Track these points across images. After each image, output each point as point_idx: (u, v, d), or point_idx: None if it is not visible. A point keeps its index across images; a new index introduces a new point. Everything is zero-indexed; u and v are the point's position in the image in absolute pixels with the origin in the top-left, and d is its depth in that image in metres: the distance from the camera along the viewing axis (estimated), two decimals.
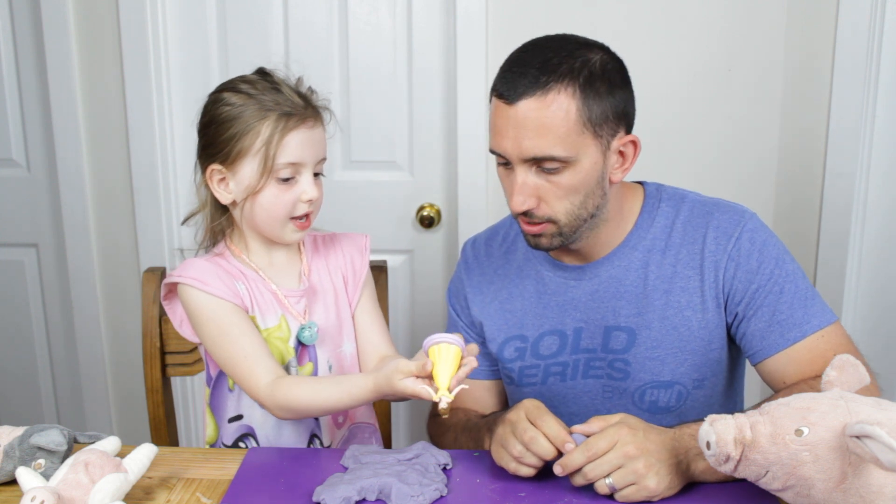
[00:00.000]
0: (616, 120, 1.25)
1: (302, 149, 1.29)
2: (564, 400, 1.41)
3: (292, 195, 1.31)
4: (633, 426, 1.11)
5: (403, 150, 2.20)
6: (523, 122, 1.22)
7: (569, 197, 1.26)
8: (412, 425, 2.36)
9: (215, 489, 1.18)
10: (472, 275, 1.49)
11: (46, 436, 1.13)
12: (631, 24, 2.01)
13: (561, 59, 1.22)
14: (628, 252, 1.35)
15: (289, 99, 1.29)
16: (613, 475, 1.08)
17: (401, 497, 1.11)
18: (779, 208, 2.09)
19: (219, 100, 1.31)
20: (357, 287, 1.44)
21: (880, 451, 0.87)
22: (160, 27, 2.14)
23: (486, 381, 1.50)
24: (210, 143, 1.31)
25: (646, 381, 1.35)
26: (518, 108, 1.21)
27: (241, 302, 1.33)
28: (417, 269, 2.27)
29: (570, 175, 1.24)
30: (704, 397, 1.38)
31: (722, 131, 2.07)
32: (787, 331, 1.28)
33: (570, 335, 1.38)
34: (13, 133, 2.29)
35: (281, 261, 1.40)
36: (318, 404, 1.27)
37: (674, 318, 1.33)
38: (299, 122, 1.29)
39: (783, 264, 1.31)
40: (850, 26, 1.91)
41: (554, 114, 1.21)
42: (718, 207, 1.35)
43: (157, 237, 2.22)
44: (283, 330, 1.36)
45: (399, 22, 2.13)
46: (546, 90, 1.21)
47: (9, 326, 2.43)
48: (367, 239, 1.48)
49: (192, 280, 1.31)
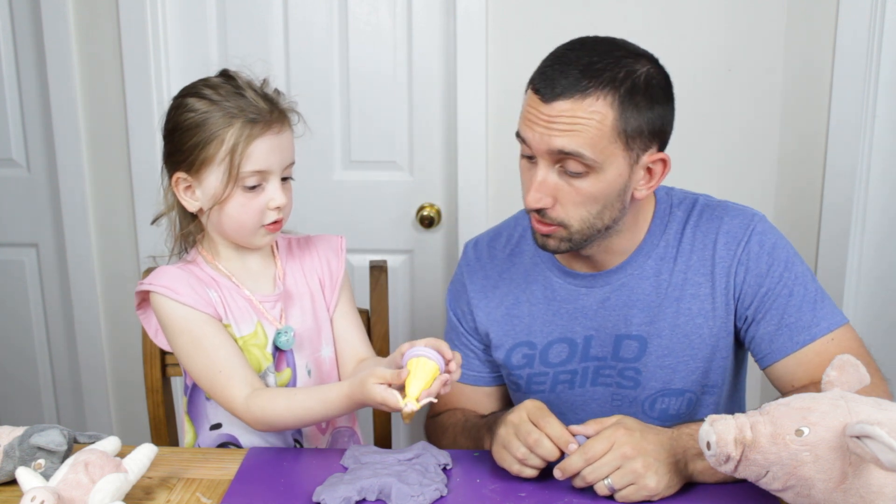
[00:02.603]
0: (650, 136, 1.22)
1: (268, 156, 1.25)
2: (572, 407, 1.40)
3: (259, 203, 1.27)
4: (630, 427, 1.11)
5: (403, 150, 2.20)
6: (556, 119, 1.18)
7: (586, 205, 1.23)
8: (412, 425, 2.36)
9: (215, 489, 1.18)
10: (475, 278, 1.45)
11: (46, 436, 1.13)
12: (631, 24, 2.01)
13: (605, 65, 1.19)
14: (641, 260, 1.34)
15: (253, 104, 1.25)
16: (612, 476, 1.08)
17: (401, 497, 1.11)
18: (779, 208, 2.09)
19: (182, 105, 1.27)
20: (335, 290, 1.41)
21: (880, 452, 0.87)
22: (160, 27, 2.14)
23: (487, 388, 1.49)
24: (175, 150, 1.28)
25: (657, 390, 1.35)
26: (553, 106, 1.18)
27: (214, 311, 1.29)
28: (417, 269, 2.27)
29: (592, 182, 1.21)
30: (713, 403, 1.37)
31: (722, 131, 2.07)
32: (795, 334, 1.27)
33: (579, 343, 1.37)
34: (13, 133, 2.29)
35: (254, 266, 1.36)
36: (295, 416, 1.24)
37: (685, 325, 1.32)
38: (265, 129, 1.25)
39: (792, 267, 1.29)
40: (850, 27, 1.91)
41: (589, 117, 1.17)
42: (728, 211, 1.34)
43: (157, 237, 2.21)
44: (260, 336, 1.33)
45: (399, 22, 2.13)
46: (585, 94, 1.17)
47: (9, 326, 2.43)
48: (342, 240, 1.45)
49: (162, 288, 1.28)
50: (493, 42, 2.05)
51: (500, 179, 2.11)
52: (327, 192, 2.21)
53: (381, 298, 1.62)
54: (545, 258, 1.39)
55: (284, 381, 1.36)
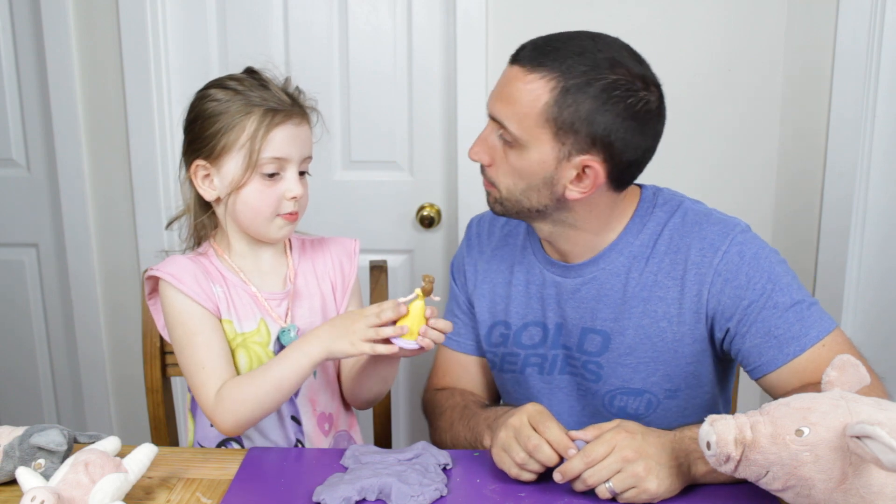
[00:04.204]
0: (589, 139, 1.21)
1: (287, 144, 1.28)
2: (540, 392, 1.42)
3: (277, 191, 1.29)
4: (631, 430, 1.10)
5: (403, 150, 2.20)
6: (505, 83, 1.25)
7: (511, 176, 1.27)
8: (412, 425, 2.36)
9: (215, 489, 1.18)
10: (472, 251, 1.50)
11: (46, 436, 1.13)
12: (631, 24, 2.01)
13: (572, 56, 1.20)
14: (614, 256, 1.34)
15: (275, 95, 1.29)
16: (613, 479, 1.08)
17: (401, 497, 1.11)
18: (779, 208, 2.09)
19: (205, 96, 1.30)
20: (346, 293, 1.42)
21: (881, 452, 0.87)
22: (160, 27, 2.14)
23: (482, 358, 1.51)
24: (195, 139, 1.30)
25: (616, 387, 1.35)
26: (510, 70, 1.25)
27: (214, 307, 1.30)
28: (417, 269, 2.27)
29: (516, 156, 1.25)
30: (677, 408, 1.37)
31: (722, 131, 2.07)
32: (784, 345, 1.25)
33: (551, 329, 1.39)
34: (13, 133, 2.29)
35: (266, 262, 1.37)
36: (262, 391, 1.24)
37: (648, 327, 1.32)
38: (285, 118, 1.28)
39: (776, 277, 1.27)
40: (850, 27, 1.91)
41: (526, 93, 1.21)
42: (709, 219, 1.32)
43: (156, 237, 2.22)
44: (262, 334, 1.34)
45: (399, 22, 2.13)
46: (533, 69, 1.21)
47: (9, 326, 2.43)
48: (356, 244, 1.46)
49: (168, 276, 1.29)
50: (493, 42, 2.05)
51: None
52: (327, 192, 2.21)
53: (381, 298, 1.62)
54: (534, 244, 1.41)
55: None
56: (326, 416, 1.41)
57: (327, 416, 1.41)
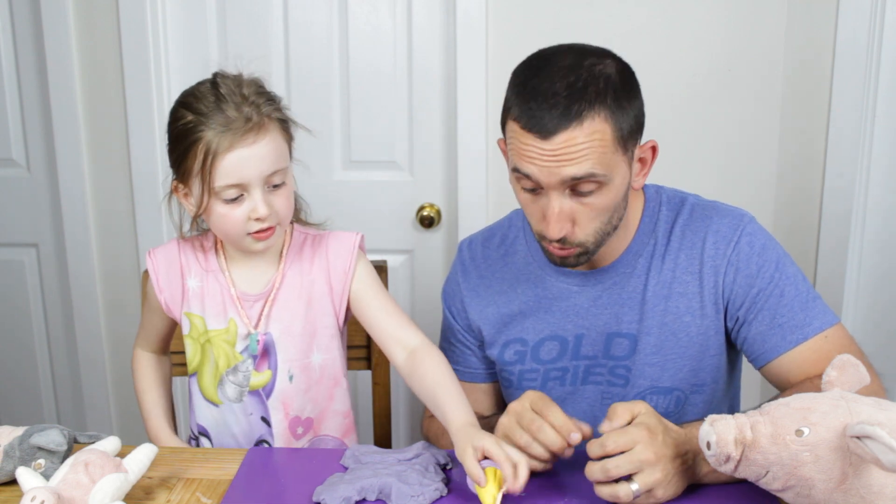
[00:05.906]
0: (637, 129, 1.24)
1: (241, 168, 1.22)
2: (563, 405, 1.38)
3: (241, 213, 1.25)
4: (653, 429, 1.07)
5: (403, 150, 2.20)
6: (560, 151, 1.16)
7: (600, 217, 1.23)
8: (412, 425, 2.36)
9: (215, 489, 1.18)
10: (469, 277, 1.46)
11: (46, 436, 1.13)
12: (631, 25, 2.01)
13: (584, 81, 1.17)
14: (632, 258, 1.35)
15: (225, 115, 1.22)
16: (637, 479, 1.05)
17: (401, 497, 1.11)
18: (778, 209, 2.09)
19: (172, 113, 1.28)
20: (344, 293, 1.37)
21: (881, 452, 0.87)
22: (160, 27, 2.14)
23: (483, 385, 1.49)
24: (169, 155, 1.30)
25: (645, 388, 1.35)
26: (553, 141, 1.16)
27: (168, 297, 1.38)
28: (417, 269, 2.27)
29: (603, 195, 1.21)
30: (703, 402, 1.37)
31: (722, 131, 2.07)
32: (788, 333, 1.27)
33: (570, 341, 1.38)
34: (13, 133, 2.29)
35: (256, 262, 1.36)
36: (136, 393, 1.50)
37: (672, 323, 1.33)
38: (235, 141, 1.22)
39: (783, 267, 1.30)
40: (850, 27, 1.91)
41: (591, 139, 1.17)
42: (717, 211, 1.34)
43: (157, 237, 2.22)
44: (231, 333, 1.34)
45: (399, 22, 2.13)
46: (581, 119, 1.16)
47: (9, 326, 2.43)
48: (356, 238, 1.40)
49: (150, 256, 1.40)
50: (493, 42, 2.05)
51: (499, 179, 2.11)
52: (327, 192, 2.21)
53: None
54: (538, 258, 1.40)
55: (262, 382, 1.35)
56: (303, 420, 1.39)
57: (304, 420, 1.39)
